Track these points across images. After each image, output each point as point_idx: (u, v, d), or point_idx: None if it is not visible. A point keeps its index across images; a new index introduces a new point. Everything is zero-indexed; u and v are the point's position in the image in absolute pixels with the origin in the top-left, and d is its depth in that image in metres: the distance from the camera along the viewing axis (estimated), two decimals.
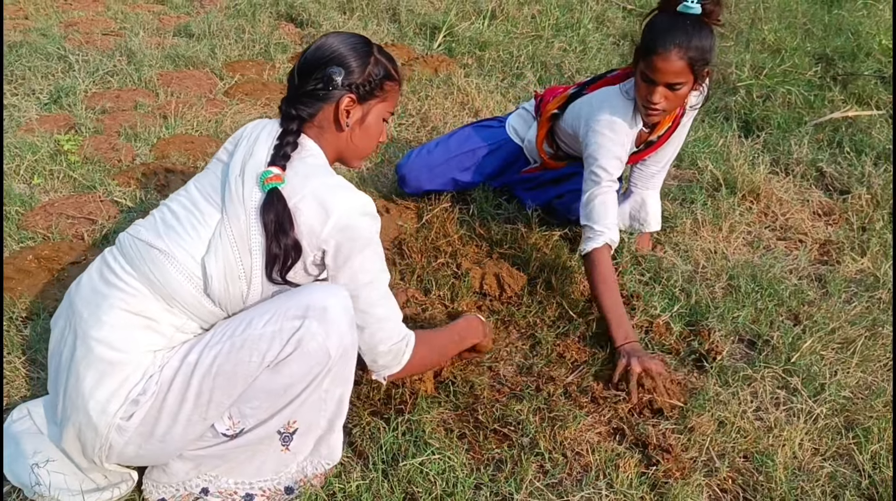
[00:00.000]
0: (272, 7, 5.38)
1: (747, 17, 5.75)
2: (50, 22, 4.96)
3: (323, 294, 1.61)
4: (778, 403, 2.18)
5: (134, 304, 1.60)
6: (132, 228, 1.72)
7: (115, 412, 1.55)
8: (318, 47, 1.74)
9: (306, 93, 1.72)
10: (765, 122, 3.97)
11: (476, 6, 5.61)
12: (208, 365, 1.56)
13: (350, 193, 1.66)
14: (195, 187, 1.73)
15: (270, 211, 1.59)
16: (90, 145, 3.31)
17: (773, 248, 2.97)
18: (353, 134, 1.78)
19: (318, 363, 1.59)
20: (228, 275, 1.61)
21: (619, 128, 2.47)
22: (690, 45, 2.22)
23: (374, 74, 1.74)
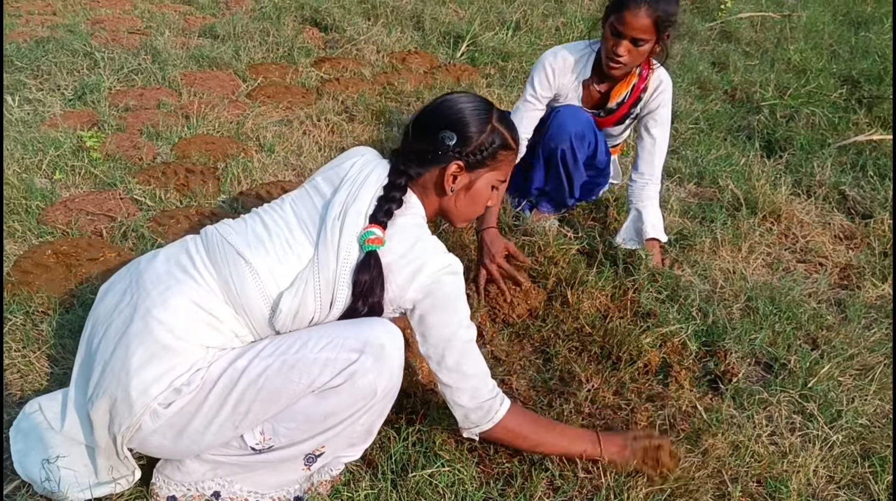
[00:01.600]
0: (297, 11, 5.40)
1: (773, 36, 5.73)
2: (77, 19, 5.01)
3: (382, 331, 1.60)
4: (793, 428, 2.15)
5: (205, 299, 1.60)
6: (221, 226, 1.72)
7: (156, 396, 1.53)
8: (438, 106, 1.74)
9: (417, 152, 1.72)
10: (788, 142, 3.94)
11: (500, 17, 5.62)
12: (255, 376, 1.55)
13: (439, 256, 1.67)
14: (292, 209, 1.72)
15: (365, 273, 1.61)
16: (112, 143, 3.33)
17: (792, 270, 2.94)
18: (457, 199, 1.78)
19: (364, 398, 1.59)
20: (299, 316, 1.63)
21: (559, 56, 2.76)
22: (658, 5, 2.45)
23: (487, 143, 1.72)
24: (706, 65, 5.05)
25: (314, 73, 4.43)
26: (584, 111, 2.79)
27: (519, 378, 2.26)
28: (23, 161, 3.08)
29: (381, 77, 4.47)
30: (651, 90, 2.75)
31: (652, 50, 2.59)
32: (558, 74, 2.77)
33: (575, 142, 2.75)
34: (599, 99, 2.82)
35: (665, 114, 2.79)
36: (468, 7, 5.82)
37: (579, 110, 2.77)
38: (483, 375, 1.77)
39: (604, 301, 2.58)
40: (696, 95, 4.55)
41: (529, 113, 2.81)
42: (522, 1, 5.94)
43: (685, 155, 3.79)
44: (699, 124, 4.15)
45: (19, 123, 3.49)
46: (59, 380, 2.08)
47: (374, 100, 4.13)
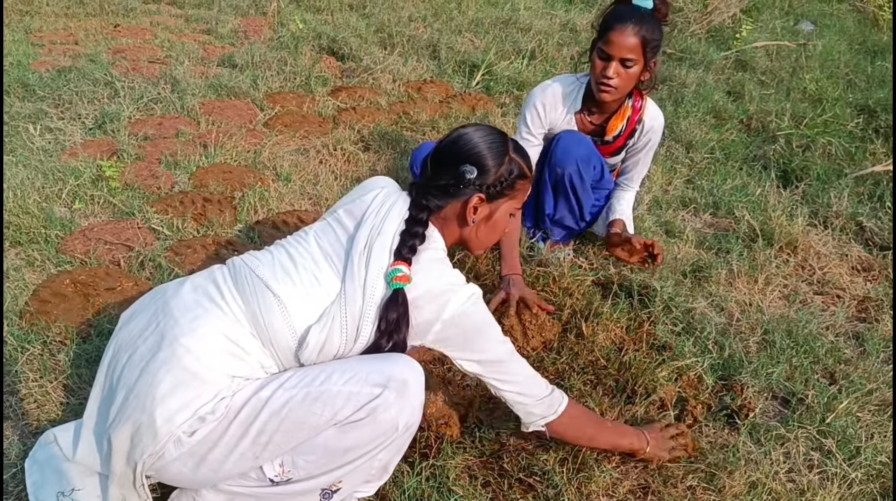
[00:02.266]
0: (314, 40, 5.47)
1: (789, 65, 5.73)
2: (99, 48, 5.09)
3: (406, 367, 1.63)
4: (811, 465, 2.12)
5: (233, 330, 1.62)
6: (248, 258, 1.74)
7: (181, 423, 1.54)
8: (455, 141, 1.77)
9: (438, 186, 1.76)
10: (804, 172, 3.93)
11: (515, 46, 5.66)
12: (279, 407, 1.56)
13: (461, 289, 1.70)
14: (316, 242, 1.75)
15: (393, 311, 1.64)
16: (131, 172, 3.37)
17: (809, 303, 2.92)
18: (478, 229, 1.83)
19: (385, 434, 1.60)
20: (325, 350, 1.65)
21: (549, 91, 2.81)
22: (644, 27, 2.51)
23: (506, 174, 1.77)
24: (721, 94, 5.06)
25: (331, 102, 4.47)
26: (584, 136, 2.83)
27: None
28: (43, 190, 3.12)
29: (396, 106, 4.50)
30: (645, 124, 2.82)
31: (640, 75, 2.63)
32: (549, 109, 2.82)
33: (581, 165, 2.77)
34: (594, 130, 2.86)
35: (655, 144, 2.90)
36: (484, 36, 5.87)
37: (580, 135, 2.82)
38: (532, 377, 1.85)
39: (619, 334, 2.56)
40: (711, 125, 4.55)
41: (528, 150, 2.77)
42: (538, 30, 5.98)
43: (700, 185, 3.78)
44: (714, 154, 4.14)
45: (40, 152, 3.54)
46: (75, 410, 2.09)
47: (390, 129, 4.16)
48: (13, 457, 1.95)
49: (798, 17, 7.30)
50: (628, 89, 2.68)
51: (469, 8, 6.62)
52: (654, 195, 3.62)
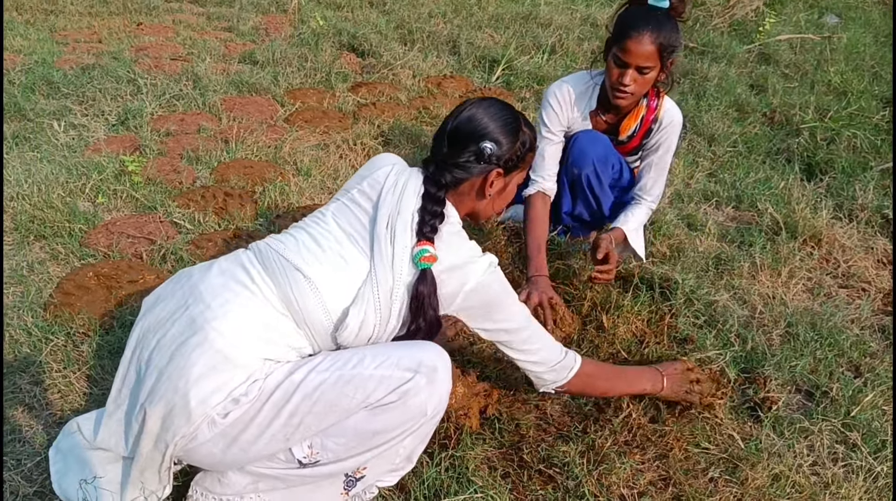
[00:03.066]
0: (335, 37, 5.48)
1: (813, 58, 5.66)
2: (122, 46, 5.14)
3: (435, 355, 1.66)
4: (836, 458, 2.10)
5: (266, 313, 1.64)
6: (272, 241, 1.76)
7: (215, 405, 1.55)
8: (471, 118, 1.79)
9: (457, 163, 1.78)
10: (828, 165, 3.88)
11: (535, 41, 5.64)
12: (312, 389, 1.58)
13: (480, 261, 1.76)
14: (336, 222, 1.77)
15: (423, 290, 1.67)
16: (153, 167, 3.40)
17: (834, 296, 2.88)
18: (493, 201, 1.88)
19: (413, 418, 1.63)
20: (363, 329, 1.67)
21: (565, 90, 2.77)
22: (661, 33, 2.44)
23: (521, 148, 1.83)
24: (744, 87, 5.01)
25: (351, 98, 4.48)
26: (602, 135, 2.78)
27: (553, 404, 2.24)
28: (67, 185, 3.15)
29: (416, 101, 4.50)
30: (661, 123, 2.73)
31: (657, 78, 2.57)
32: (565, 108, 2.79)
33: (598, 165, 2.74)
34: (608, 129, 2.82)
35: (670, 144, 2.77)
36: (504, 31, 5.86)
37: (597, 134, 2.77)
38: (549, 345, 1.91)
39: (640, 326, 2.55)
40: (734, 118, 4.51)
41: (549, 149, 2.81)
42: (558, 25, 5.96)
43: (723, 178, 3.75)
44: (737, 147, 4.11)
45: (65, 147, 3.58)
46: (98, 400, 2.11)
47: (410, 124, 4.16)
48: (37, 446, 1.98)
49: (822, 10, 7.22)
50: (644, 92, 2.63)
51: (489, 3, 6.61)
52: (676, 189, 3.59)
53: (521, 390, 2.26)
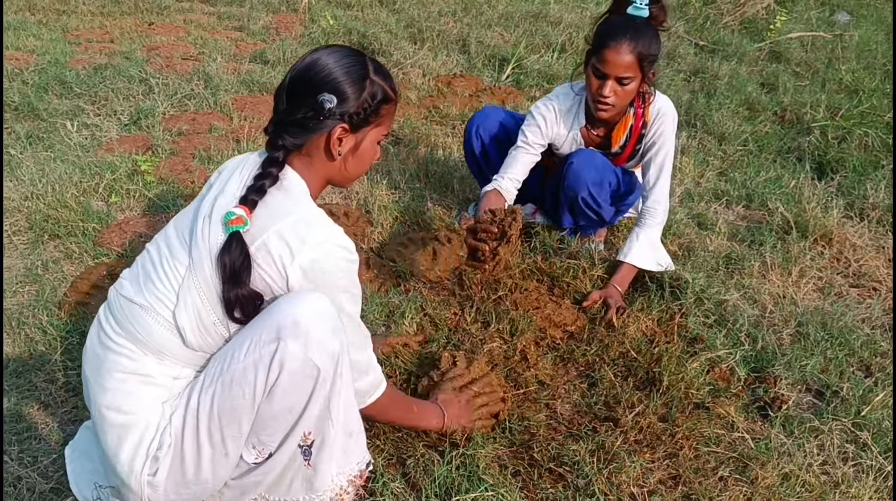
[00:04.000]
0: (345, 36, 5.50)
1: (824, 56, 5.64)
2: (133, 46, 5.17)
3: (290, 306, 1.51)
4: (846, 458, 2.10)
5: (127, 364, 1.58)
6: (119, 282, 1.67)
7: (142, 470, 1.55)
8: (309, 67, 1.60)
9: (294, 121, 1.60)
10: (839, 164, 3.87)
11: (546, 39, 5.64)
12: (209, 408, 1.54)
13: (321, 228, 1.56)
14: (173, 227, 1.65)
15: (226, 256, 1.50)
16: (166, 166, 3.42)
17: (845, 295, 2.88)
18: (345, 162, 1.68)
19: (309, 377, 1.52)
20: (202, 325, 1.56)
21: (552, 107, 2.79)
22: (639, 42, 2.43)
23: (369, 101, 1.62)
24: (755, 86, 5.00)
25: None
26: (597, 154, 2.76)
27: (563, 403, 2.25)
28: (80, 185, 3.18)
29: (426, 100, 4.52)
30: (651, 124, 2.69)
31: (638, 88, 2.56)
32: (550, 126, 2.80)
33: (593, 189, 2.74)
34: (600, 143, 2.81)
35: (666, 138, 2.70)
36: (514, 30, 5.86)
37: (593, 155, 2.75)
38: (366, 366, 1.75)
39: (650, 325, 2.55)
40: (744, 117, 4.50)
41: (523, 157, 2.82)
42: (568, 24, 5.95)
43: (734, 177, 3.74)
44: (748, 146, 4.10)
45: (78, 147, 3.61)
46: None
47: (420, 123, 4.17)
48: (53, 444, 2.00)
49: (834, 8, 7.19)
50: (627, 103, 2.61)
51: (499, 2, 6.61)
52: (686, 188, 3.59)
53: (532, 389, 2.27)
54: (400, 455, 1.99)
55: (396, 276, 2.77)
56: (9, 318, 2.44)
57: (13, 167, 3.34)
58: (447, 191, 3.49)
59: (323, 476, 1.68)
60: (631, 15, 2.47)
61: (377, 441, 2.02)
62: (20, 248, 2.84)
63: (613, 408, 2.21)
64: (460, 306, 2.63)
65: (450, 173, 3.61)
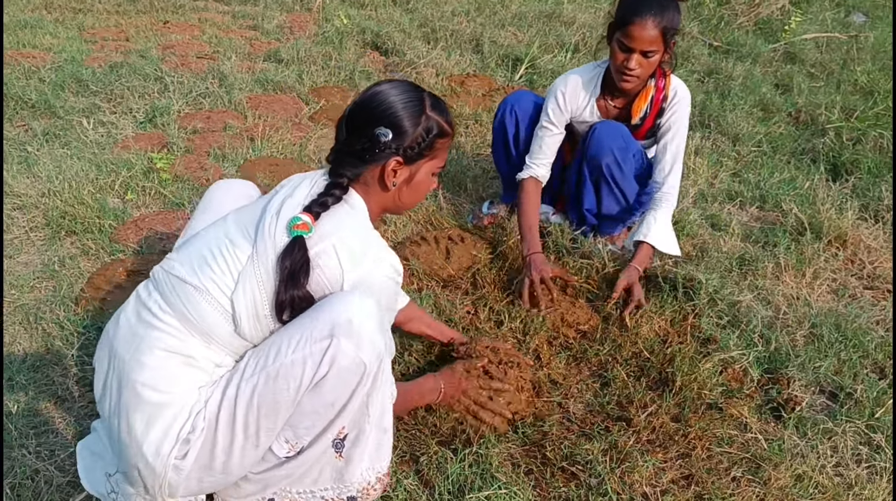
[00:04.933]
0: (359, 35, 5.51)
1: (839, 57, 5.62)
2: (149, 44, 5.20)
3: (344, 306, 1.55)
4: (860, 459, 2.09)
5: (172, 343, 1.59)
6: (166, 262, 1.70)
7: (170, 452, 1.56)
8: (369, 100, 1.68)
9: (352, 152, 1.68)
10: (854, 166, 3.85)
11: (559, 39, 5.64)
12: (248, 398, 1.56)
13: (381, 247, 1.65)
14: (233, 219, 1.70)
15: (287, 258, 1.56)
16: (181, 164, 3.45)
17: (859, 297, 2.86)
18: (399, 193, 1.76)
19: (356, 374, 1.56)
20: (257, 314, 1.60)
21: (569, 80, 2.86)
22: (664, 16, 2.49)
23: (424, 135, 1.69)
24: (769, 87, 4.98)
25: None
26: (620, 124, 2.79)
27: (576, 402, 2.26)
28: (97, 182, 3.21)
29: None
30: (670, 101, 2.75)
31: (661, 59, 2.62)
32: (569, 98, 2.85)
33: (618, 153, 2.75)
34: (618, 115, 2.85)
35: (681, 123, 2.76)
36: (527, 30, 5.86)
37: (615, 124, 2.79)
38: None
39: (663, 326, 2.55)
40: (758, 118, 4.49)
41: (547, 139, 2.89)
42: (581, 23, 5.95)
43: (748, 178, 3.73)
44: (762, 147, 4.09)
45: (94, 145, 3.63)
46: None
47: None
48: (69, 438, 2.02)
49: (849, 9, 7.15)
50: (649, 74, 2.67)
51: (512, 2, 6.61)
52: (700, 188, 3.58)
53: (545, 389, 2.28)
54: (413, 452, 2.01)
55: (410, 274, 2.78)
56: (26, 313, 2.46)
57: (30, 164, 3.37)
58: (460, 190, 3.50)
59: (354, 469, 1.70)
60: None
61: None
62: (37, 244, 2.86)
63: (626, 408, 2.21)
64: (473, 305, 2.64)
65: (463, 172, 3.61)
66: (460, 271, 2.81)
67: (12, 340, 2.37)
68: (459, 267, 2.82)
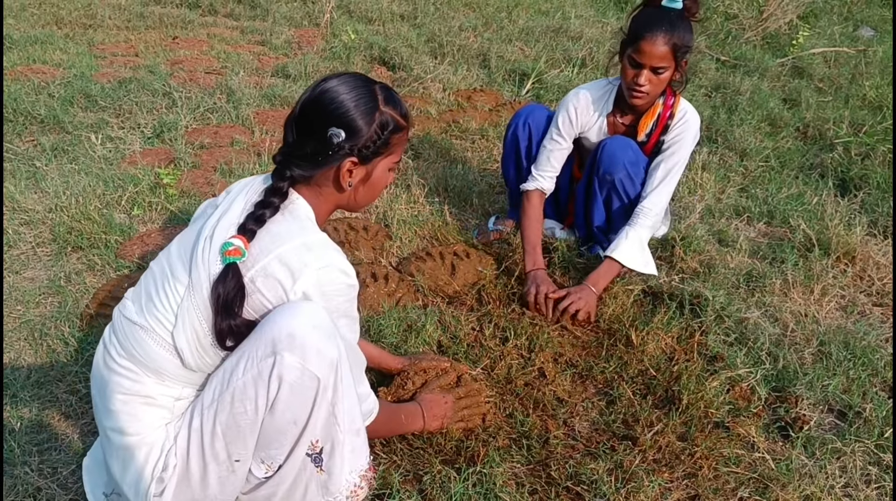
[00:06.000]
0: (366, 50, 5.54)
1: (847, 72, 5.60)
2: (158, 59, 5.23)
3: (284, 320, 1.50)
4: (869, 480, 2.07)
5: (129, 385, 1.58)
6: (122, 303, 1.67)
7: (147, 490, 1.57)
8: (317, 99, 1.58)
9: (303, 155, 1.59)
10: (863, 181, 3.83)
11: (566, 54, 5.65)
12: (212, 427, 1.55)
13: (323, 253, 1.56)
14: (175, 248, 1.64)
15: (220, 286, 1.49)
16: (188, 179, 3.46)
17: (868, 314, 2.84)
18: (356, 192, 1.69)
19: (310, 388, 1.52)
20: (199, 346, 1.56)
21: (581, 96, 2.86)
22: (674, 34, 2.51)
23: (379, 132, 1.61)
24: (777, 101, 4.97)
25: None
26: (629, 139, 2.79)
27: (581, 420, 2.24)
28: (104, 197, 3.22)
29: (446, 115, 4.53)
30: (676, 120, 2.76)
31: (671, 77, 2.63)
32: (581, 114, 2.86)
33: (630, 168, 2.75)
34: (626, 131, 2.85)
35: (683, 144, 2.75)
36: (534, 45, 5.87)
37: (625, 139, 2.79)
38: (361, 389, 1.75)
39: (669, 343, 2.53)
40: (766, 132, 4.48)
41: (556, 152, 2.91)
42: (588, 38, 5.96)
43: (755, 193, 3.72)
44: (769, 162, 4.07)
45: (101, 160, 3.65)
46: None
47: (440, 137, 4.18)
48: (72, 454, 2.02)
49: (857, 24, 7.14)
50: (660, 91, 2.68)
51: (519, 17, 6.63)
52: (707, 204, 3.57)
53: (549, 406, 2.26)
54: (416, 471, 1.99)
55: (415, 290, 2.77)
56: (31, 329, 2.47)
57: (38, 179, 3.39)
58: (466, 205, 3.49)
59: (337, 479, 1.68)
60: (665, 7, 2.55)
61: (394, 456, 2.02)
62: (44, 259, 2.87)
63: (632, 426, 2.19)
64: (479, 321, 2.63)
65: (469, 188, 3.61)
66: (465, 287, 2.80)
67: (17, 355, 2.37)
68: (465, 283, 2.81)
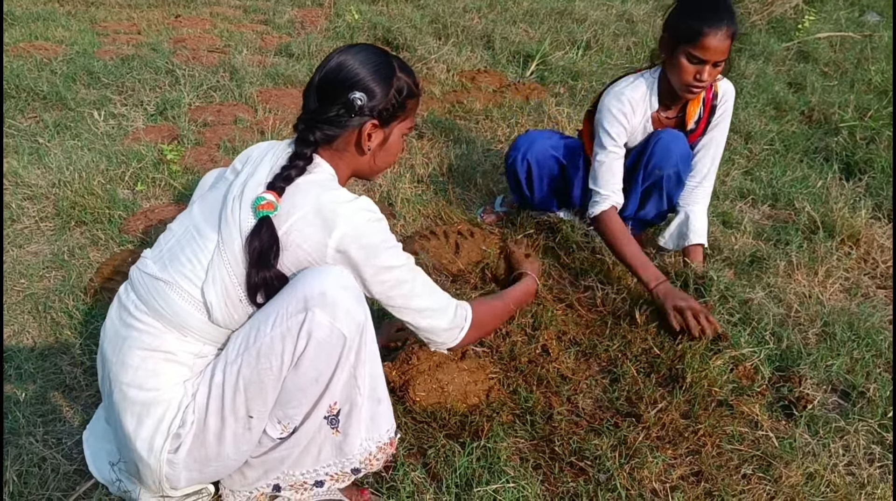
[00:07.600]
0: (370, 30, 5.51)
1: (853, 56, 5.58)
2: (160, 38, 5.21)
3: (316, 279, 1.54)
4: (872, 459, 2.07)
5: (149, 341, 1.60)
6: (140, 260, 1.69)
7: (162, 447, 1.57)
8: (339, 68, 1.67)
9: (327, 119, 1.67)
10: (868, 165, 3.82)
11: (571, 36, 5.62)
12: (234, 382, 1.56)
13: (348, 201, 1.61)
14: (198, 208, 1.68)
15: (255, 239, 1.54)
16: (191, 156, 3.45)
17: (872, 296, 2.84)
18: (374, 156, 1.76)
19: (336, 346, 1.55)
20: (229, 301, 1.58)
21: (625, 99, 2.68)
22: (732, 22, 2.40)
23: (396, 96, 1.70)
24: (782, 85, 4.95)
25: None
26: (679, 132, 2.73)
27: (585, 397, 2.24)
28: (107, 173, 3.21)
29: (450, 96, 4.51)
30: (720, 97, 2.72)
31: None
32: (629, 118, 2.70)
33: (681, 164, 2.70)
34: (671, 124, 2.77)
35: (727, 115, 2.74)
36: (538, 27, 5.84)
37: (676, 132, 2.71)
38: (439, 303, 1.78)
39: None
40: (771, 116, 4.46)
41: (617, 162, 2.71)
42: (593, 21, 5.93)
43: (760, 176, 3.71)
44: (774, 145, 4.06)
45: (104, 136, 3.64)
46: None
47: (444, 118, 4.17)
48: (76, 426, 2.03)
49: (863, 8, 7.10)
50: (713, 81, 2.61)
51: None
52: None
53: (553, 383, 2.26)
54: (421, 445, 2.00)
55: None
56: (35, 302, 2.47)
57: (41, 155, 3.38)
58: (470, 185, 3.48)
59: (352, 441, 1.69)
60: None
61: (399, 430, 2.02)
62: (47, 234, 2.87)
63: (635, 404, 2.20)
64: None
65: (473, 168, 3.60)
66: (469, 266, 2.80)
67: (21, 329, 2.37)
68: (468, 261, 2.81)
